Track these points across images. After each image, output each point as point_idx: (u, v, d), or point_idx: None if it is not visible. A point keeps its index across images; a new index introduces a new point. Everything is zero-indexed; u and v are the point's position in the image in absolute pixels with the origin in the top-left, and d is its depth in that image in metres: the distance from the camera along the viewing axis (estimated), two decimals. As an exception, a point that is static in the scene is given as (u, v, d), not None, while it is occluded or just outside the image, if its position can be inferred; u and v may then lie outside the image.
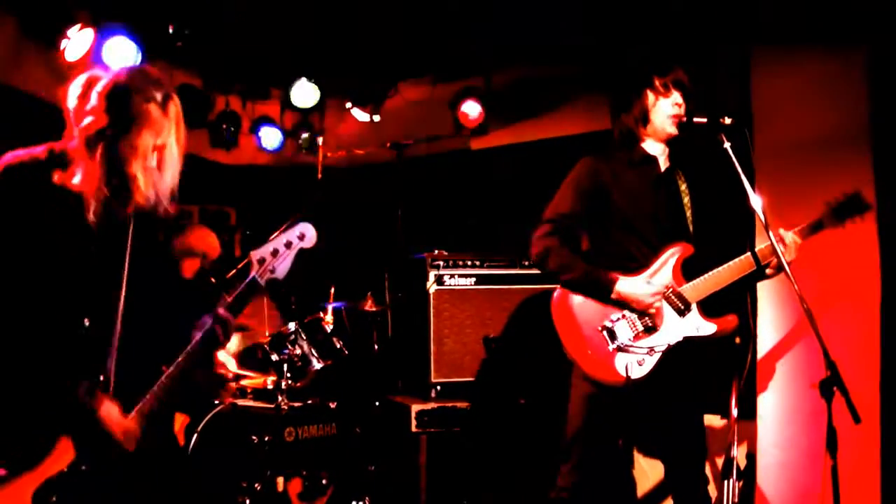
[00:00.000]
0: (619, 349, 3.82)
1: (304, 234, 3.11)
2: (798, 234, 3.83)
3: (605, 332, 3.86)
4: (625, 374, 3.77)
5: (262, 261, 3.09)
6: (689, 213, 4.02)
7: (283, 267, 3.09)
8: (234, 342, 5.82)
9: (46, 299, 2.86)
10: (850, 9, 4.65)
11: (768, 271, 3.90)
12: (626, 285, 3.84)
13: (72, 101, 2.94)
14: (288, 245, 3.10)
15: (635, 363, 3.80)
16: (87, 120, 2.88)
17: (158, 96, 2.92)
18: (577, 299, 3.93)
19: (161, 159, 2.95)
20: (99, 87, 2.91)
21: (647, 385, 3.81)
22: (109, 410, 2.89)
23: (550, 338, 3.97)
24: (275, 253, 3.09)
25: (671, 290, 3.87)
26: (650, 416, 3.97)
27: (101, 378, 2.92)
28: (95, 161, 2.87)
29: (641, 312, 3.86)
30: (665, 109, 3.93)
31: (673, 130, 3.94)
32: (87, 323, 2.92)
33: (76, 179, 2.89)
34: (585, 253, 4.05)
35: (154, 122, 2.91)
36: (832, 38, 4.75)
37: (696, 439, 3.99)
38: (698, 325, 3.88)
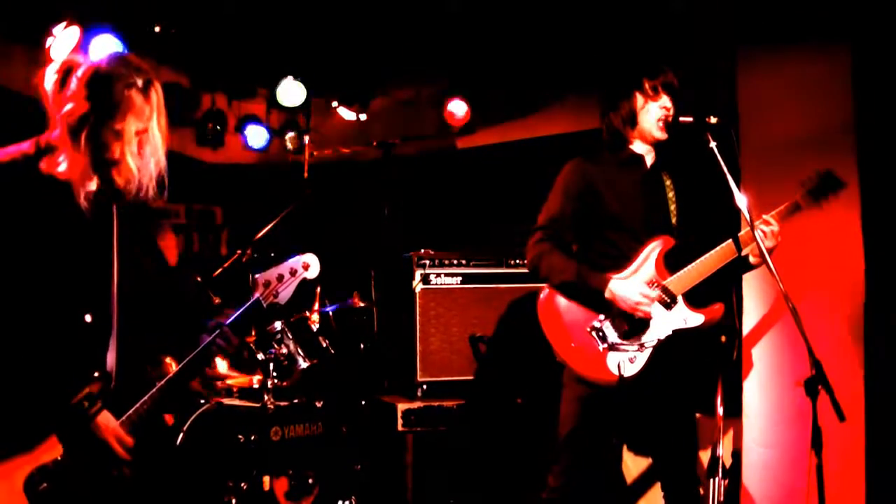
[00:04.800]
0: (610, 348, 3.82)
1: (308, 264, 3.24)
2: (776, 217, 3.82)
3: (594, 333, 3.86)
4: (618, 373, 3.77)
5: (267, 284, 3.19)
6: (673, 208, 4.02)
7: (286, 293, 3.21)
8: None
9: (47, 292, 2.86)
10: (834, 7, 4.67)
11: (753, 260, 3.88)
12: (618, 286, 3.82)
13: (49, 88, 2.92)
14: (292, 273, 3.21)
15: (627, 361, 3.79)
16: (69, 106, 2.87)
17: (140, 82, 2.91)
18: (563, 302, 3.93)
19: (143, 144, 2.95)
20: (79, 73, 2.90)
21: (639, 383, 3.81)
22: (107, 420, 2.90)
23: (537, 337, 3.97)
24: (280, 278, 3.21)
25: (656, 283, 3.87)
26: (642, 414, 3.98)
27: (98, 374, 2.93)
28: (80, 148, 2.87)
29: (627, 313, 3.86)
30: (654, 113, 3.93)
31: (660, 135, 3.95)
32: (88, 318, 2.93)
33: (62, 168, 2.89)
34: (576, 253, 4.06)
35: (136, 108, 2.90)
36: (817, 36, 4.77)
37: (688, 437, 3.99)
38: (686, 317, 3.87)
